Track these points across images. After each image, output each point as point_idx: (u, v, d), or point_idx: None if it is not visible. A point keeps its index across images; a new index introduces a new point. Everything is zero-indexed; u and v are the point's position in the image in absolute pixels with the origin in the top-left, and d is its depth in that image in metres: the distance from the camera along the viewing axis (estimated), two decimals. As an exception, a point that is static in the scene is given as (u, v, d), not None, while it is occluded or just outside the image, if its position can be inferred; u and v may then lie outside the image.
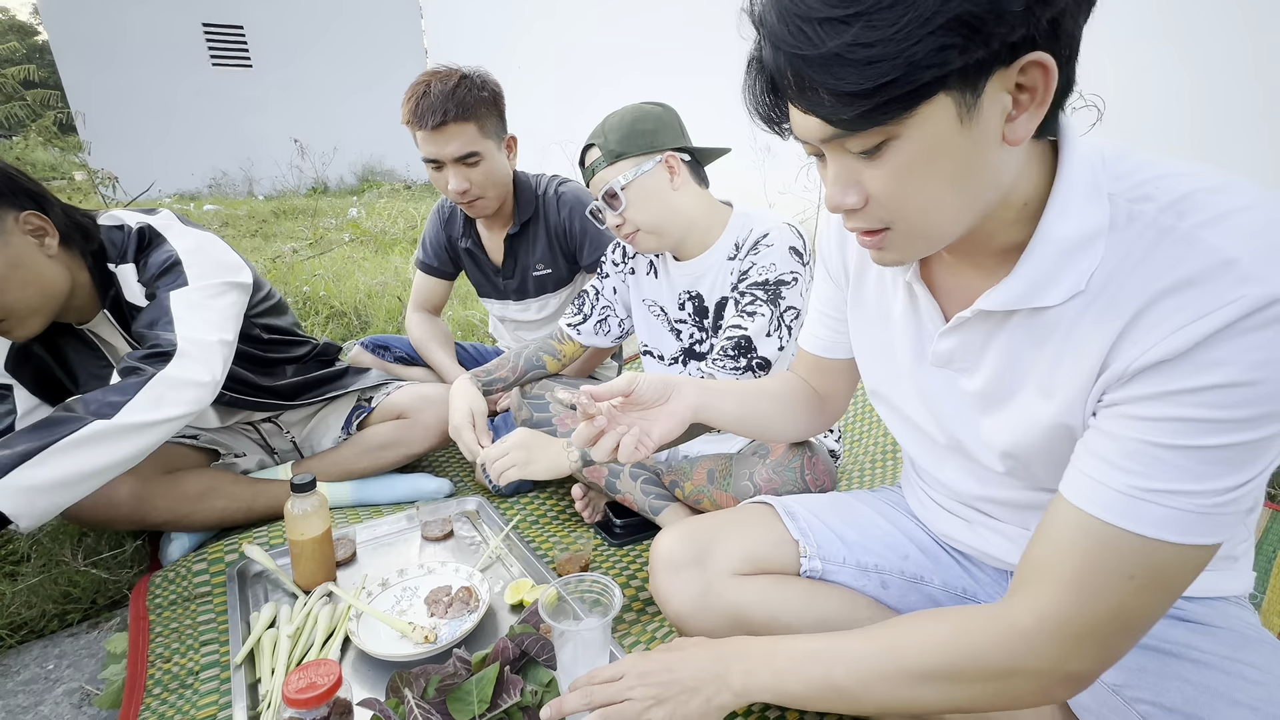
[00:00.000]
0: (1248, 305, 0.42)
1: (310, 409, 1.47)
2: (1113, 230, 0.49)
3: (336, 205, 6.23)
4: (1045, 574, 0.51)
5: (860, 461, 1.52)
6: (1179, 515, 0.46)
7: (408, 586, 1.05)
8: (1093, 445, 0.51)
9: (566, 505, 1.39)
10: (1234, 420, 0.44)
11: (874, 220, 0.52)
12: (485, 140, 1.36)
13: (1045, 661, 0.51)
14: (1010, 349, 0.58)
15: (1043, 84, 0.46)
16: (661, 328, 1.33)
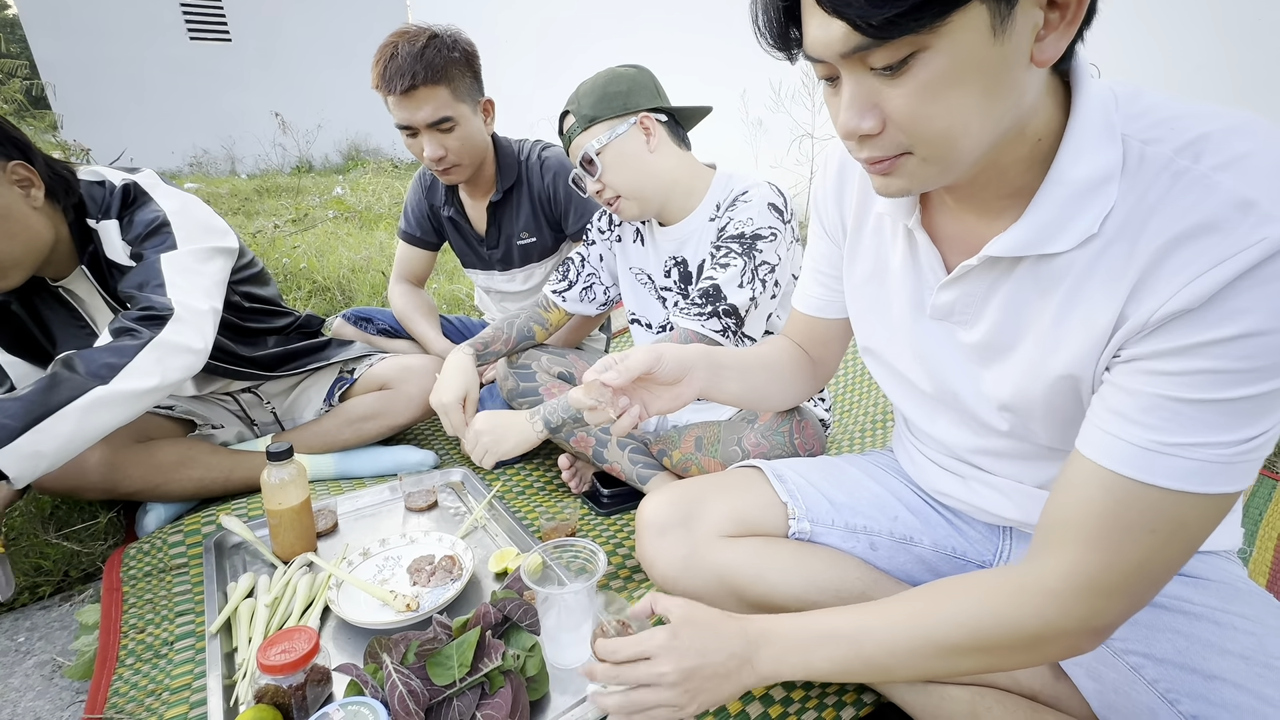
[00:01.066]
0: (1268, 248, 0.40)
1: (292, 380, 1.44)
2: (1125, 173, 0.47)
3: (321, 184, 6.11)
4: (1069, 534, 0.50)
5: (850, 431, 1.51)
6: (1202, 466, 0.45)
7: (390, 556, 1.03)
8: (1111, 401, 0.49)
9: (554, 476, 1.37)
10: (1256, 370, 0.42)
11: (890, 146, 0.48)
12: (459, 104, 1.31)
13: (1074, 620, 0.50)
14: (1014, 299, 0.56)
15: (1075, 0, 0.44)
16: (649, 295, 1.30)
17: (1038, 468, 0.68)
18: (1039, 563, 0.52)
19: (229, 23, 8.70)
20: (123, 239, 1.07)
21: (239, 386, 1.38)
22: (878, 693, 0.77)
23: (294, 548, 1.02)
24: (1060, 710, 0.65)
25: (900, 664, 0.55)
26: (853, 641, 0.56)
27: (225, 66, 8.69)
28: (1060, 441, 0.62)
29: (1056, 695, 0.65)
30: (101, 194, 1.07)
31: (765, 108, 3.63)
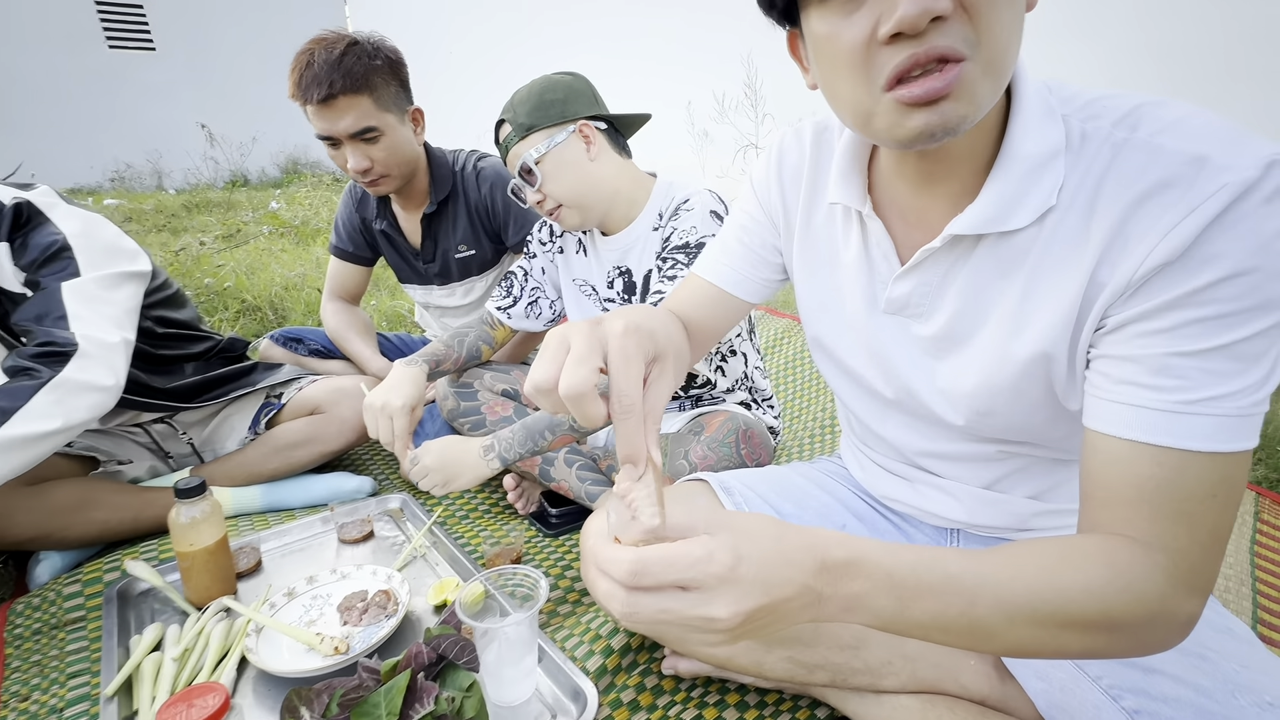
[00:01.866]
0: (1231, 192, 0.42)
1: (212, 409, 1.34)
2: (1069, 150, 0.49)
3: (257, 198, 5.85)
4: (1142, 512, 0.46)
5: (800, 437, 1.51)
6: (1224, 422, 0.44)
7: (318, 594, 0.95)
8: (1117, 373, 0.48)
9: (499, 497, 1.32)
10: (1245, 310, 0.43)
11: (957, 38, 0.43)
12: (383, 114, 1.26)
13: (1185, 604, 0.47)
14: (974, 283, 0.56)
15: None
16: (593, 307, 1.27)
17: (986, 468, 0.68)
18: (1146, 546, 0.46)
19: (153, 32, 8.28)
20: (14, 264, 0.97)
21: (150, 417, 1.27)
22: (830, 706, 0.75)
23: (209, 592, 0.93)
24: (1008, 714, 0.64)
25: (1009, 631, 0.44)
26: (969, 595, 0.44)
27: (149, 77, 8.25)
28: (1018, 432, 0.62)
29: (1004, 698, 0.65)
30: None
31: (710, 119, 3.68)
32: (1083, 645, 0.46)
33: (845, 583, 0.43)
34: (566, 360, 0.41)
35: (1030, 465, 0.67)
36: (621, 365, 0.41)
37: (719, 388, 1.23)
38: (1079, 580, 0.45)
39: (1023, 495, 0.69)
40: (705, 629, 0.39)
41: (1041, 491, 0.69)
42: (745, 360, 1.24)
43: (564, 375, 0.40)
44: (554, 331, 0.44)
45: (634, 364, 0.41)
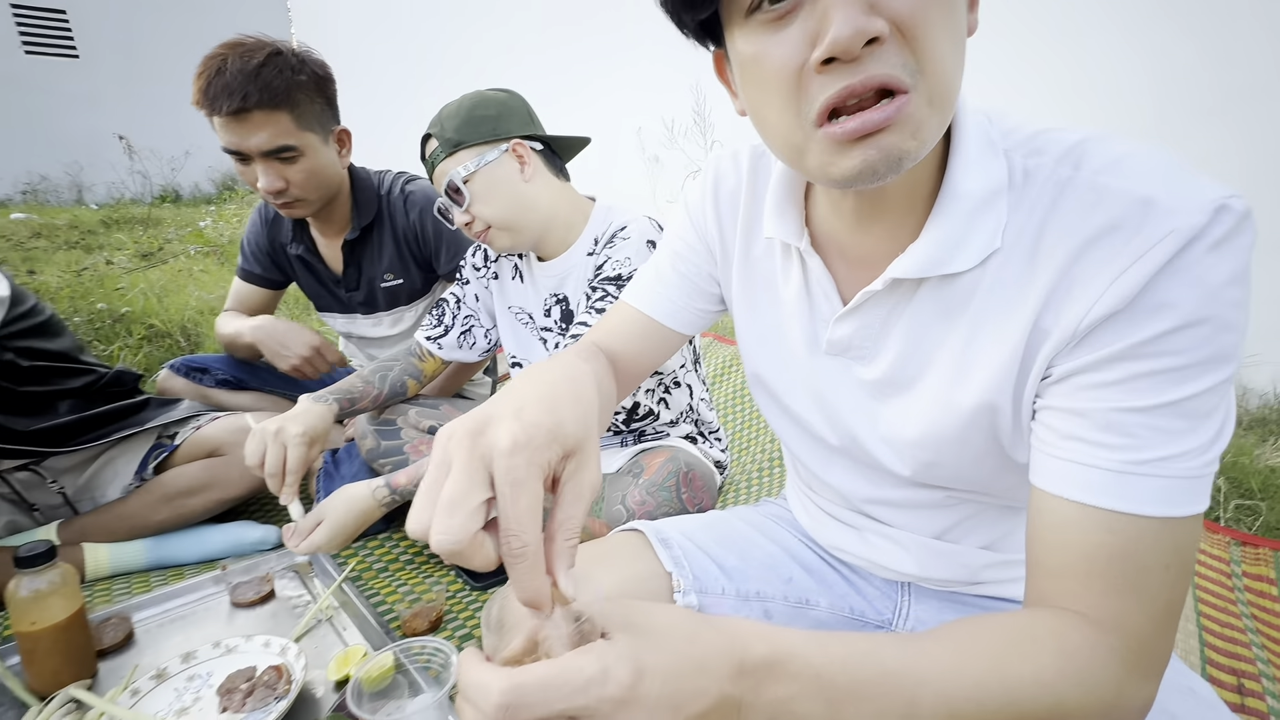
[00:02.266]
0: (1180, 238, 0.39)
1: (90, 453, 1.18)
2: (1012, 188, 0.46)
3: (187, 215, 5.52)
4: (1094, 583, 0.42)
5: (748, 471, 1.46)
6: (1177, 484, 0.41)
7: (195, 674, 0.82)
8: (1063, 428, 0.45)
9: (424, 546, 1.20)
10: (1194, 364, 0.40)
11: (895, 65, 0.39)
12: (304, 133, 1.14)
13: (1140, 690, 0.42)
14: (917, 327, 0.52)
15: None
16: (530, 336, 1.19)
17: (935, 516, 0.64)
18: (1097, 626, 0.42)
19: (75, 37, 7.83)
20: None
21: (10, 464, 1.11)
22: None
23: (58, 677, 0.79)
24: None
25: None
26: (909, 696, 0.38)
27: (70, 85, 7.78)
28: (965, 482, 0.58)
29: None
30: None
31: (660, 144, 3.69)
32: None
33: (768, 686, 0.36)
34: (438, 504, 0.32)
35: (980, 512, 0.63)
36: (510, 495, 0.33)
37: (662, 419, 1.16)
38: (1029, 671, 0.40)
39: (974, 545, 0.65)
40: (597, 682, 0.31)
41: (993, 541, 0.65)
42: (690, 392, 1.18)
43: (434, 528, 0.32)
44: (439, 439, 0.36)
45: (525, 490, 0.33)
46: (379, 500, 0.95)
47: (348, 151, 1.27)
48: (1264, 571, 1.13)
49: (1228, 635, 0.96)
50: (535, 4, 4.55)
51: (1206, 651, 0.92)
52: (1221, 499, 1.33)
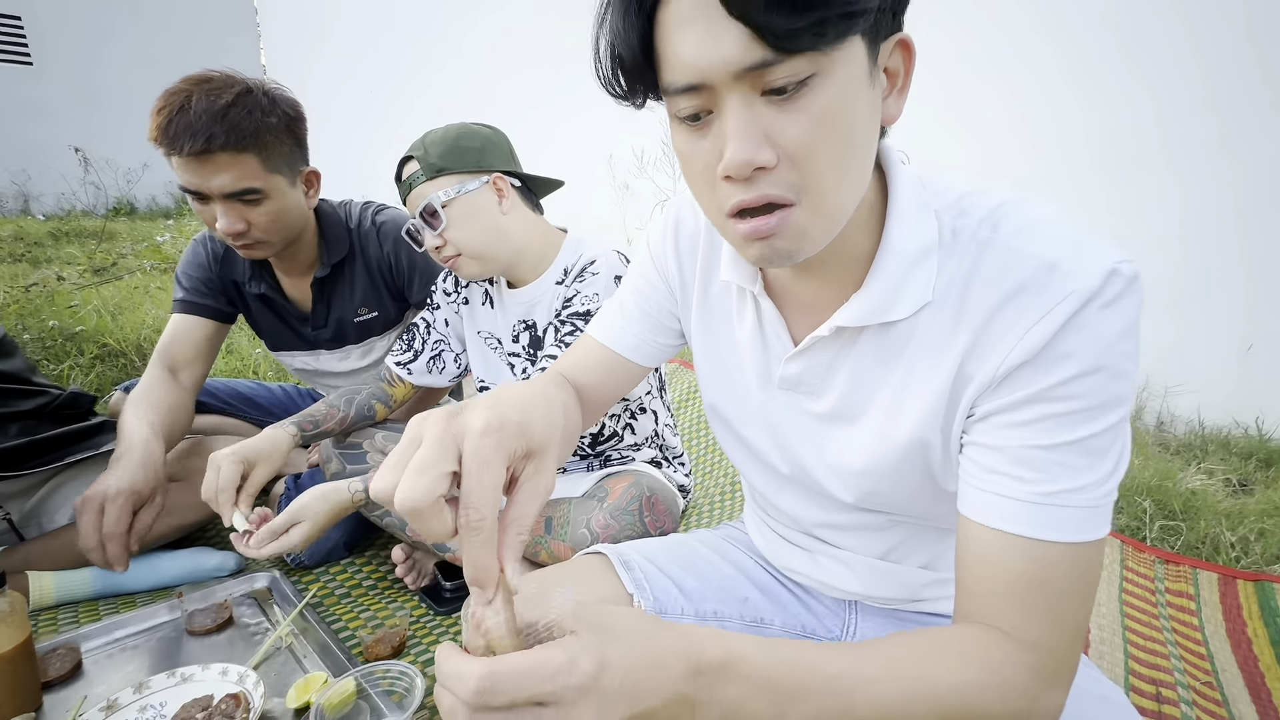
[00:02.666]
0: (1079, 298, 0.45)
1: (38, 477, 1.14)
2: (941, 245, 0.52)
3: (143, 229, 5.36)
4: (1012, 605, 0.47)
5: (710, 494, 1.50)
6: (1081, 513, 0.47)
7: (148, 705, 0.81)
8: (985, 461, 0.50)
9: (387, 571, 1.20)
10: (1092, 407, 0.46)
11: (783, 186, 0.45)
12: (271, 175, 1.08)
13: (1052, 699, 0.47)
14: (859, 368, 0.57)
15: (904, 69, 0.48)
16: (498, 361, 1.22)
17: (879, 538, 0.68)
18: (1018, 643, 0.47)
19: (30, 44, 7.60)
20: None
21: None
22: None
23: (0, 710, 0.76)
24: None
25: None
26: (846, 697, 0.42)
27: (22, 93, 7.53)
28: (904, 509, 0.63)
29: None
30: None
31: (631, 173, 3.78)
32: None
33: (720, 687, 0.39)
34: (408, 468, 0.35)
35: (919, 534, 0.68)
36: (475, 471, 0.36)
37: (627, 443, 1.19)
38: (955, 681, 0.44)
39: (914, 565, 0.70)
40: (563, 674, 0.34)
41: (931, 560, 0.70)
42: (655, 418, 1.22)
43: (401, 485, 0.34)
44: (412, 422, 0.39)
45: (490, 470, 0.36)
46: (355, 498, 0.96)
47: (315, 192, 1.22)
48: (1184, 588, 1.22)
49: (1150, 648, 1.03)
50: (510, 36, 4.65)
51: (1130, 663, 0.99)
52: (1147, 520, 1.43)
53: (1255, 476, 1.75)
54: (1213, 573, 1.26)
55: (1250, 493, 1.64)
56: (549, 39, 4.36)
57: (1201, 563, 1.29)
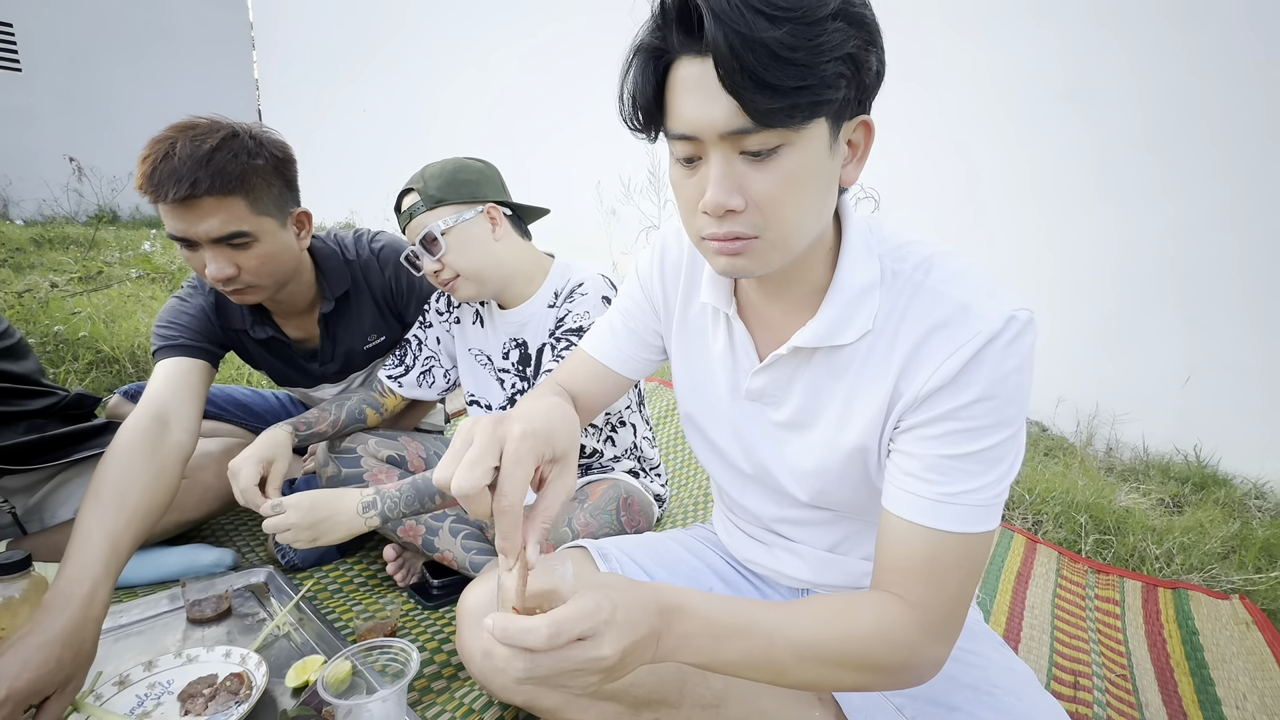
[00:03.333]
0: (983, 338, 0.56)
1: (43, 473, 1.20)
2: (882, 284, 0.63)
3: (127, 237, 5.35)
4: (908, 577, 0.59)
5: (685, 504, 1.59)
6: (974, 510, 0.58)
7: (156, 682, 0.87)
8: (904, 465, 0.61)
9: (378, 569, 1.27)
10: (988, 425, 0.57)
11: (748, 225, 0.55)
12: (260, 218, 1.06)
13: (933, 651, 0.59)
14: (813, 383, 0.67)
15: (864, 142, 0.58)
16: (488, 377, 1.31)
17: (827, 532, 0.79)
18: (902, 603, 0.58)
19: (20, 50, 7.60)
20: None
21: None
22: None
23: (19, 685, 0.82)
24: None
25: (798, 668, 0.55)
26: (768, 637, 0.55)
27: (9, 99, 7.50)
28: (848, 506, 0.73)
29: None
30: None
31: (618, 199, 3.92)
32: (853, 681, 0.58)
33: (676, 624, 0.52)
34: (462, 461, 0.47)
35: (862, 530, 0.78)
36: (510, 468, 0.48)
37: (607, 456, 1.28)
38: (851, 628, 0.57)
39: (858, 557, 0.80)
40: (592, 669, 0.47)
41: (872, 552, 0.80)
42: (634, 430, 1.32)
43: (456, 475, 0.47)
44: (464, 425, 0.50)
45: (522, 466, 0.48)
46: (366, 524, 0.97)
47: (307, 233, 1.20)
48: (1112, 594, 1.34)
49: (1074, 645, 1.14)
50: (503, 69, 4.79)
51: (1054, 657, 1.10)
52: (1083, 534, 1.56)
53: (1189, 498, 1.90)
54: (1137, 581, 1.38)
55: (1181, 512, 1.78)
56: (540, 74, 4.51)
57: (1128, 572, 1.41)
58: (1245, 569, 1.44)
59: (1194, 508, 1.79)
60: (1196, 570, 1.43)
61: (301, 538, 0.96)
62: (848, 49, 0.50)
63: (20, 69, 7.52)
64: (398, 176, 1.22)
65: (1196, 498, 1.89)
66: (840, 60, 0.50)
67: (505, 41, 4.70)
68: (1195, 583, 1.39)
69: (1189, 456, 2.19)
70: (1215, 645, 1.18)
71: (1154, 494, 1.86)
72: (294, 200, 1.16)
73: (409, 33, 5.49)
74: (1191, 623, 1.24)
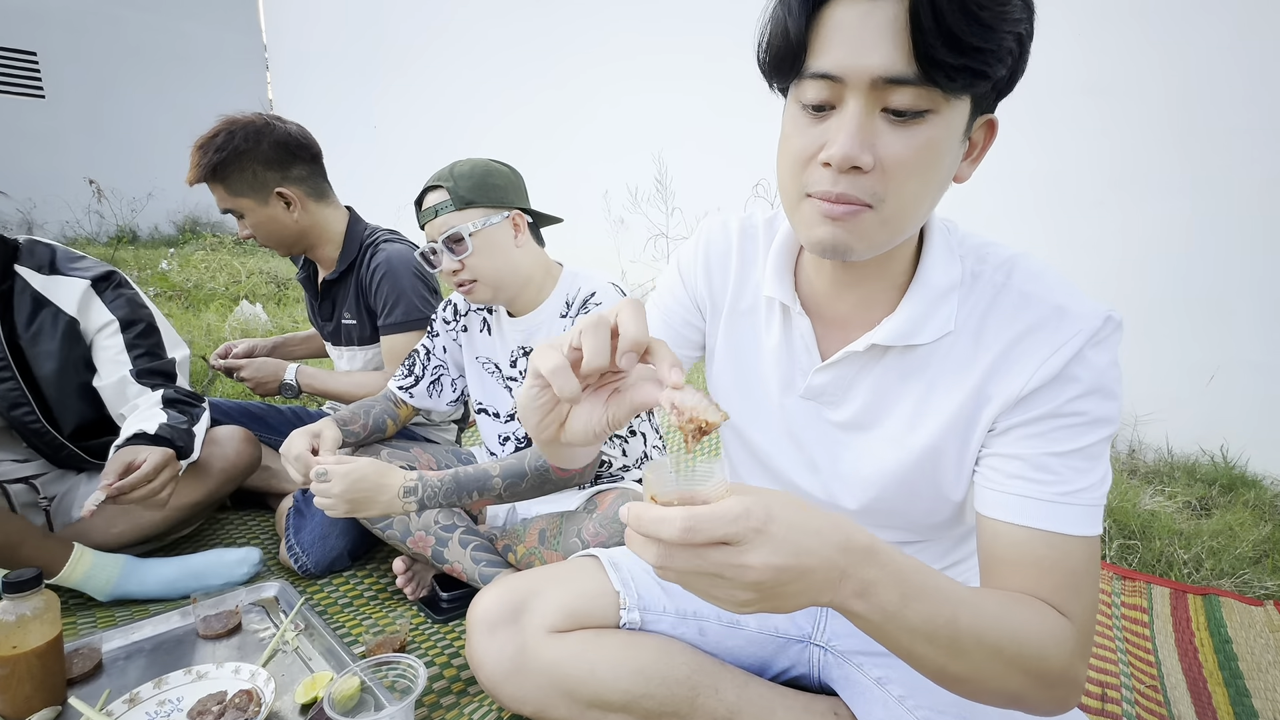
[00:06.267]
0: (1084, 335, 0.56)
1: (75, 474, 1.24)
2: (963, 284, 0.62)
3: (146, 257, 5.46)
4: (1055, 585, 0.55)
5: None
6: (1088, 510, 0.56)
7: (166, 699, 0.87)
8: (1007, 469, 0.59)
9: (388, 582, 1.26)
10: (1091, 421, 0.57)
11: (866, 192, 0.51)
12: (238, 199, 1.36)
13: (1082, 667, 0.55)
14: (881, 383, 0.65)
15: (984, 142, 0.57)
16: (496, 384, 1.30)
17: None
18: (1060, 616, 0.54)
19: (44, 78, 7.83)
20: None
21: (19, 473, 1.18)
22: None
23: (30, 704, 0.82)
24: None
25: (971, 654, 0.49)
26: (954, 609, 0.48)
27: (33, 124, 7.73)
28: (897, 517, 0.70)
29: None
30: None
31: (625, 208, 3.93)
32: (1016, 686, 0.51)
33: (864, 567, 0.45)
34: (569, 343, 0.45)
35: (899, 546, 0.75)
36: (627, 312, 0.44)
37: (616, 465, 1.27)
38: (1027, 622, 0.52)
39: None
40: (735, 578, 0.41)
41: None
42: (644, 440, 1.31)
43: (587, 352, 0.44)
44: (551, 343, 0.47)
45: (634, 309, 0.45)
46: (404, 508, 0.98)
47: (296, 207, 1.41)
48: (1138, 601, 1.29)
49: (1101, 655, 1.10)
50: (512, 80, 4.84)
51: (1081, 667, 1.06)
52: (1108, 539, 1.51)
53: (1216, 500, 1.84)
54: (1165, 587, 1.34)
55: (1209, 515, 1.73)
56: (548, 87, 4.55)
57: (1156, 578, 1.37)
58: (1278, 574, 1.39)
59: (1222, 510, 1.74)
60: (1227, 575, 1.39)
61: (339, 509, 0.96)
62: (1020, 28, 0.48)
63: (44, 96, 7.74)
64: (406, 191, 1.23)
65: (1225, 500, 1.83)
66: (1014, 37, 0.48)
67: (515, 55, 4.75)
68: (1226, 589, 1.34)
69: (1215, 457, 2.13)
70: (1250, 654, 1.13)
71: (1180, 496, 1.81)
72: (276, 179, 1.38)
73: (418, 51, 5.58)
74: (1224, 631, 1.19)
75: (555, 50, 4.44)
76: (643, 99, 3.83)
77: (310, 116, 7.04)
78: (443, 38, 5.32)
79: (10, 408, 1.14)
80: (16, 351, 1.15)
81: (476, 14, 4.94)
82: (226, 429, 1.36)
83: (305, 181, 1.42)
